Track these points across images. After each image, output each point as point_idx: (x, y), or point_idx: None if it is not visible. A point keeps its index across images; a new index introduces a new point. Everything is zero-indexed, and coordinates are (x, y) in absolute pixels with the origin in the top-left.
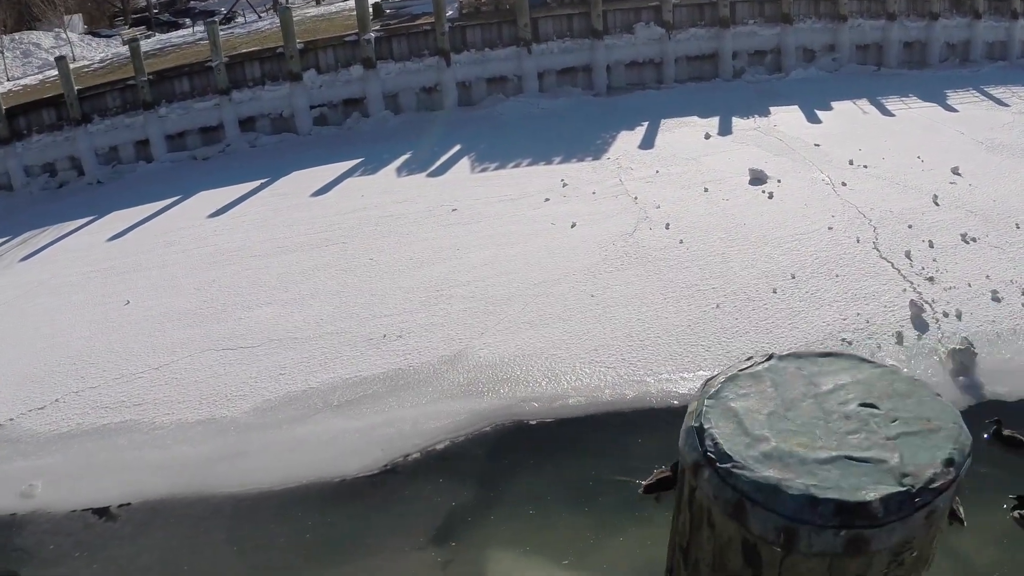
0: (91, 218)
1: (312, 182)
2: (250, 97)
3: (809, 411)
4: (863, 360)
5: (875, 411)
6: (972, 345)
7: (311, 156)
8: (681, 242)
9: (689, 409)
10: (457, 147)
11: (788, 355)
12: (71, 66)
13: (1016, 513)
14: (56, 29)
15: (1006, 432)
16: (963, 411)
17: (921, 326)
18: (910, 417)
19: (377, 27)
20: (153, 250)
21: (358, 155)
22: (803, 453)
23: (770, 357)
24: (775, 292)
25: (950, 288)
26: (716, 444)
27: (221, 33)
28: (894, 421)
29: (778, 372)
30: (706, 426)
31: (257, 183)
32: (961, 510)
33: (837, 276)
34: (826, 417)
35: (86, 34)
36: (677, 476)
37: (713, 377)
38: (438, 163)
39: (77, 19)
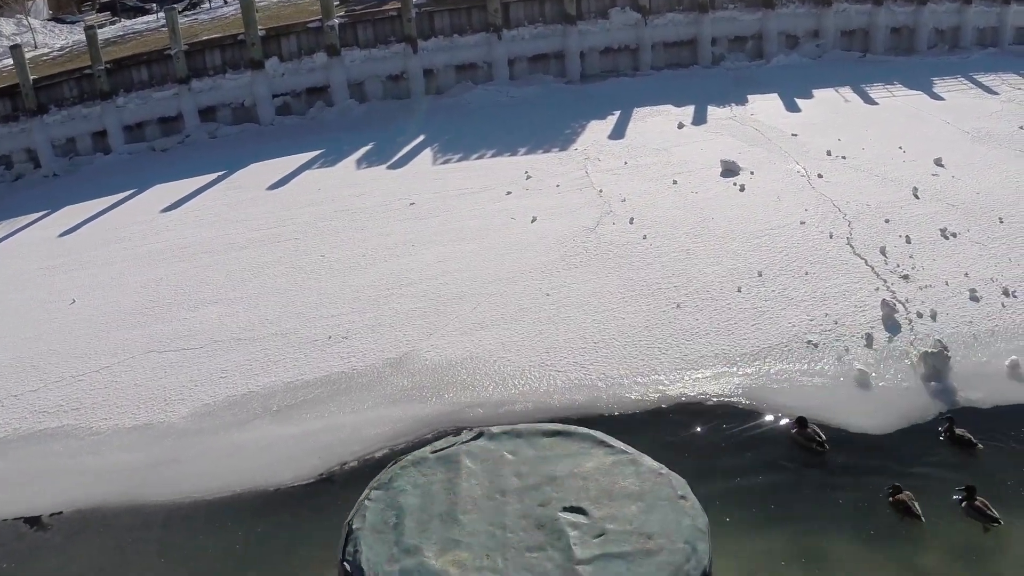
0: (45, 212)
1: (270, 174)
2: (210, 86)
3: (491, 515)
4: (600, 443)
5: (581, 519)
6: (946, 348)
7: (272, 147)
8: (644, 238)
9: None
10: (421, 137)
11: (505, 432)
12: (31, 54)
13: (963, 503)
14: (18, 16)
15: (958, 431)
16: (934, 419)
17: (893, 327)
18: (625, 531)
19: (342, 13)
20: (104, 246)
21: (319, 146)
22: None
23: (479, 435)
24: (740, 291)
25: (926, 287)
26: (356, 552)
27: (185, 20)
28: (599, 535)
29: (479, 456)
30: (356, 526)
31: (214, 175)
32: (917, 506)
33: (807, 274)
34: (509, 525)
35: (50, 20)
36: None
37: (398, 460)
38: (400, 154)
39: (42, 4)
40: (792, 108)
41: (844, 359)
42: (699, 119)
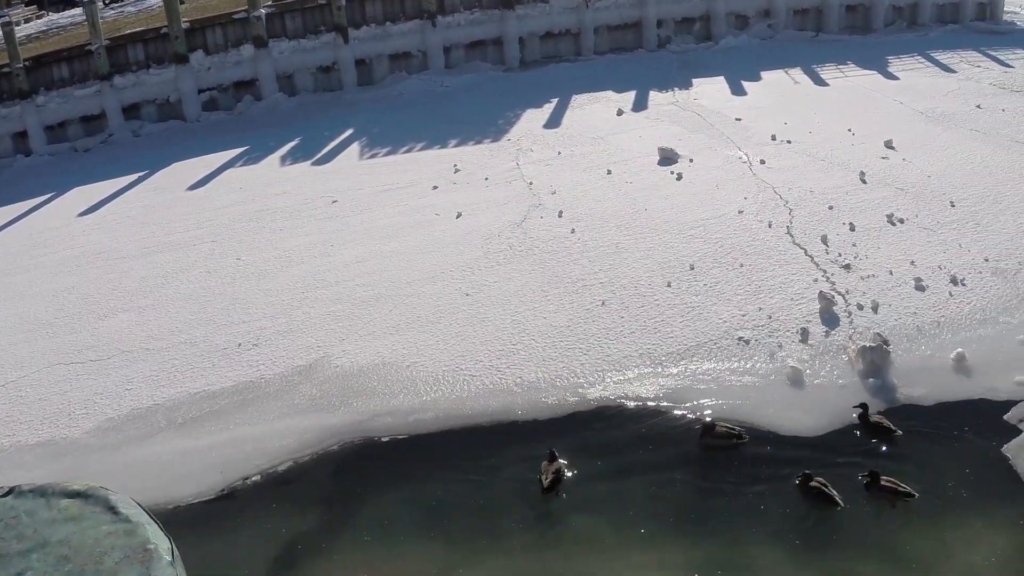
0: None
1: (192, 174)
2: (134, 82)
3: None
4: (110, 508)
5: None
6: (886, 341)
7: (196, 145)
8: (573, 232)
9: None
10: (349, 131)
11: (33, 490)
12: None
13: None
14: None
15: (874, 419)
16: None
17: (831, 321)
18: None
19: (269, 2)
20: (18, 253)
21: (244, 143)
22: None
23: (8, 492)
24: (669, 286)
25: (868, 276)
26: None
27: (111, 13)
28: None
29: None
30: None
31: (135, 176)
32: (832, 490)
33: (742, 266)
34: None
35: None
36: None
37: None
38: (326, 149)
39: None
40: (738, 91)
41: (777, 356)
42: (639, 105)
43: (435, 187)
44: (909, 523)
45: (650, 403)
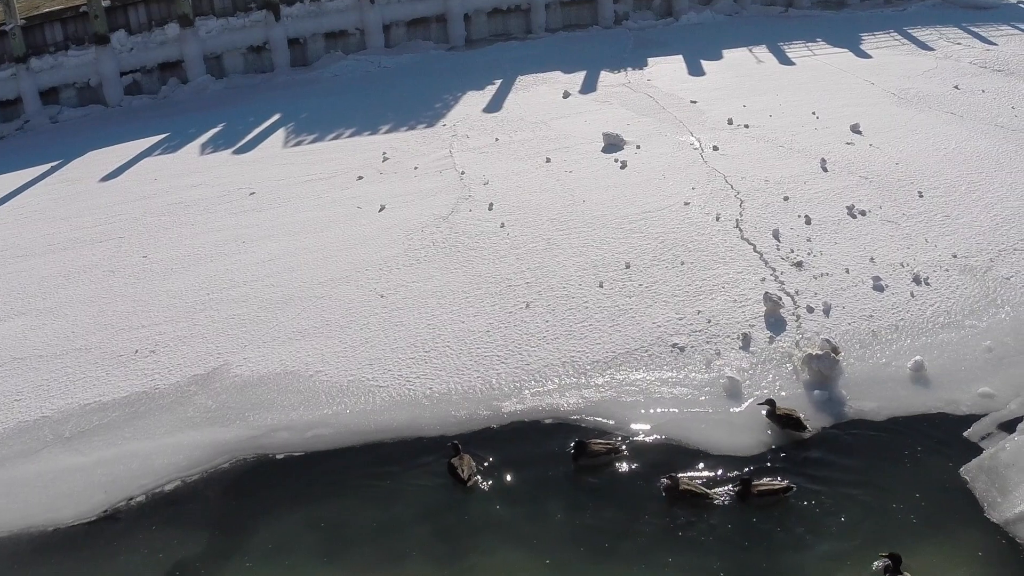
0: None
1: (106, 164)
2: (51, 65)
3: None
4: None
5: None
6: (835, 349)
7: (116, 132)
8: (502, 226)
9: None
10: (276, 116)
11: None
12: None
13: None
14: None
15: (781, 411)
16: (812, 437)
17: (776, 325)
18: None
19: None
20: None
21: (165, 129)
22: None
23: None
24: (602, 286)
25: (821, 275)
26: None
27: None
28: None
29: None
30: None
31: (48, 166)
32: (699, 485)
33: (683, 264)
34: None
35: None
36: None
37: None
38: (250, 136)
39: None
40: (696, 72)
41: (714, 365)
42: (588, 87)
43: (360, 177)
44: (854, 553)
45: (570, 417)
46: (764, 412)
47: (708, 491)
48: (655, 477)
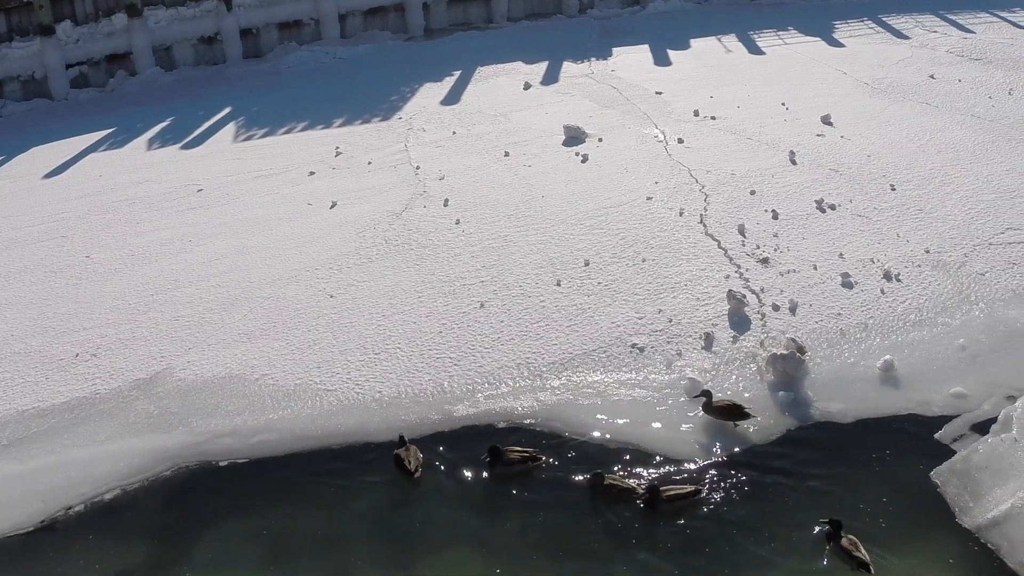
0: None
1: (50, 160)
2: None
3: None
4: None
5: None
6: (801, 348)
7: (61, 127)
8: (458, 223)
9: None
10: (227, 110)
11: None
12: None
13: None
14: None
15: (718, 403)
16: (778, 439)
17: (740, 324)
18: None
19: None
20: None
21: (112, 123)
22: None
23: None
24: (559, 285)
25: (788, 272)
26: None
27: None
28: None
29: None
30: None
31: None
32: (628, 481)
33: (644, 261)
34: None
35: None
36: None
37: None
38: (198, 131)
39: None
40: (662, 62)
41: (674, 366)
42: (550, 78)
43: (312, 173)
44: (819, 560)
45: (525, 421)
46: (701, 405)
47: (634, 486)
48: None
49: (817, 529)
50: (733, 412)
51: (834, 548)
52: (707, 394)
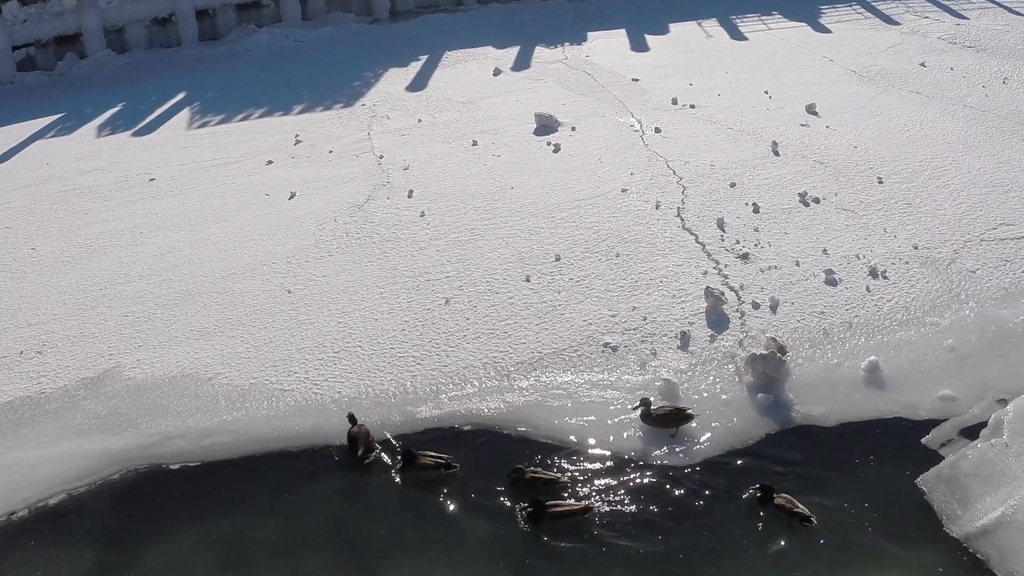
0: None
1: None
2: None
3: None
4: None
5: None
6: (782, 348)
7: (6, 111)
8: (422, 215)
9: None
10: (181, 95)
11: None
12: None
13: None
14: None
15: (656, 411)
16: (757, 442)
17: (718, 323)
18: None
19: None
20: None
21: (60, 108)
22: None
23: None
24: (528, 281)
25: (769, 268)
26: None
27: None
28: None
29: None
30: None
31: None
32: (540, 473)
33: (618, 256)
34: None
35: None
36: None
37: None
38: (151, 117)
39: None
40: (639, 47)
41: (649, 366)
42: (522, 64)
43: (270, 162)
44: (800, 572)
45: (490, 424)
46: (639, 414)
47: (557, 476)
48: (586, 487)
49: (747, 494)
50: (673, 418)
51: (770, 510)
52: (646, 403)
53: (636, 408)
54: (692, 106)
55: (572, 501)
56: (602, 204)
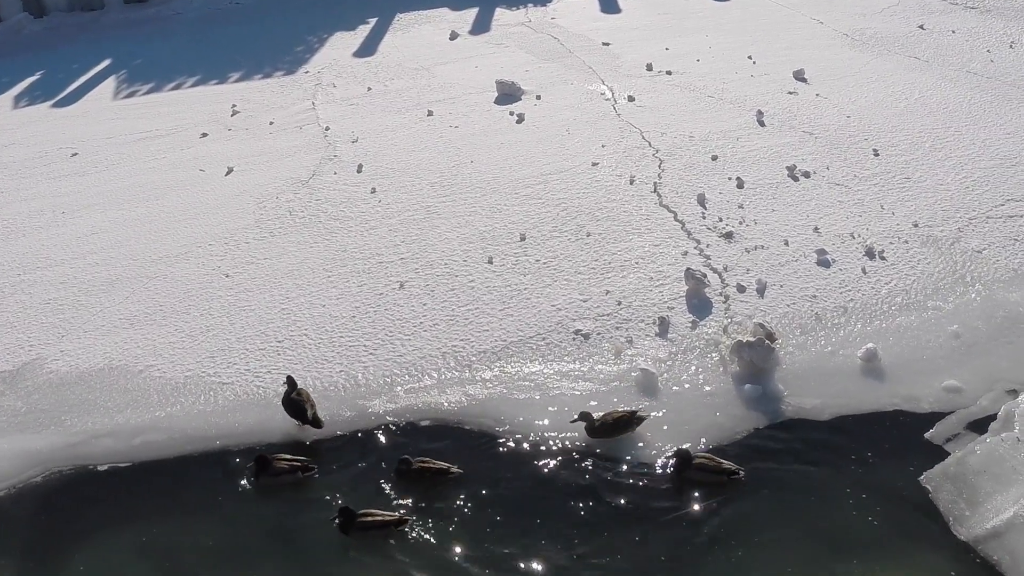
0: None
1: None
2: None
3: None
4: None
5: None
6: (771, 335)
7: None
8: (373, 192)
9: None
10: (106, 62)
11: None
12: None
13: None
14: None
15: (601, 420)
16: (745, 436)
17: (700, 307)
18: None
19: None
20: None
21: None
22: None
23: None
24: (491, 262)
25: (756, 248)
26: None
27: None
28: None
29: None
30: None
31: None
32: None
33: (589, 235)
34: None
35: None
36: None
37: None
38: (74, 86)
39: None
40: (609, 8)
41: (624, 355)
42: (481, 27)
43: (204, 134)
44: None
45: (450, 419)
46: (586, 431)
47: (447, 465)
48: (558, 485)
49: (660, 462)
50: (624, 424)
51: (690, 474)
52: (585, 417)
53: (575, 422)
54: (668, 72)
55: (385, 513)
56: (571, 179)
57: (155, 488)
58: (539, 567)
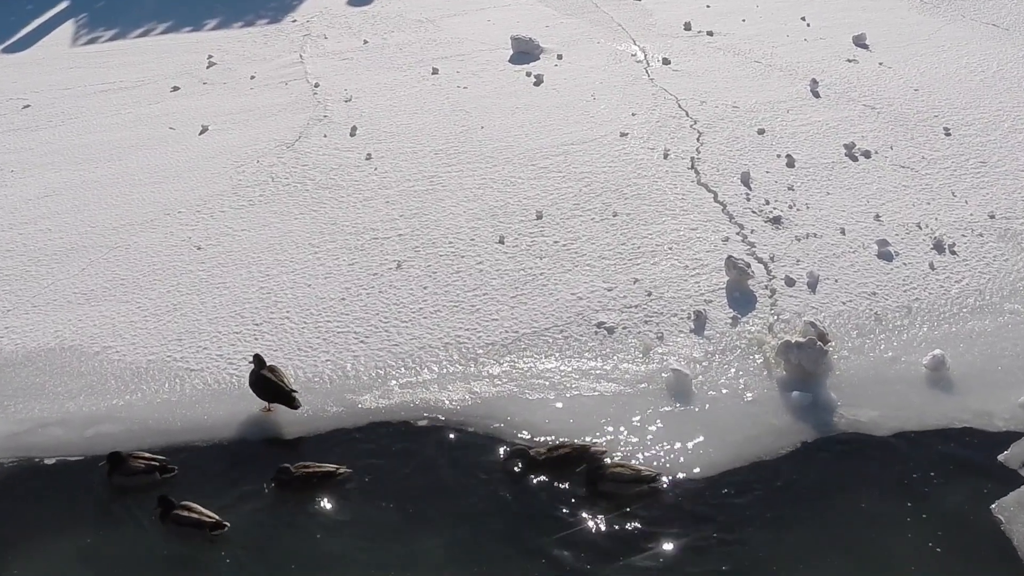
0: None
1: None
2: None
3: None
4: None
5: None
6: (823, 336)
7: None
8: (368, 158)
9: None
10: (63, 4)
11: None
12: None
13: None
14: None
15: (545, 454)
16: (788, 454)
17: (742, 301)
18: None
19: None
20: None
21: None
22: None
23: None
24: (502, 242)
25: (807, 236)
26: None
27: None
28: None
29: None
30: None
31: None
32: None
33: (615, 215)
34: None
35: None
36: None
37: None
38: (25, 31)
39: None
40: None
41: (654, 353)
42: None
43: (176, 88)
44: None
45: (451, 419)
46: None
47: (334, 467)
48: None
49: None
50: (575, 459)
51: (608, 486)
52: (519, 453)
53: (508, 461)
54: (710, 33)
55: (207, 512)
56: (596, 151)
57: (108, 486)
58: None
